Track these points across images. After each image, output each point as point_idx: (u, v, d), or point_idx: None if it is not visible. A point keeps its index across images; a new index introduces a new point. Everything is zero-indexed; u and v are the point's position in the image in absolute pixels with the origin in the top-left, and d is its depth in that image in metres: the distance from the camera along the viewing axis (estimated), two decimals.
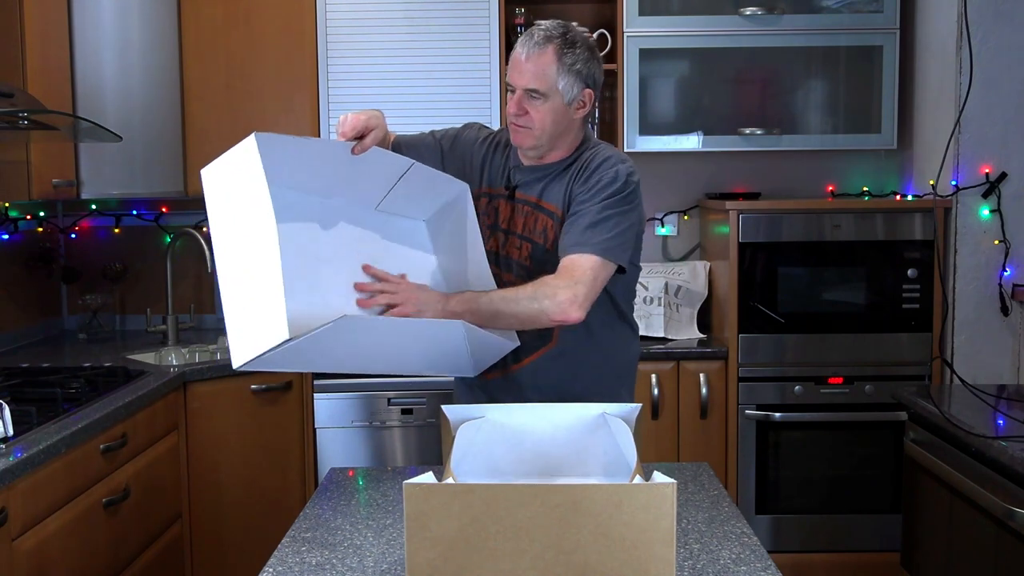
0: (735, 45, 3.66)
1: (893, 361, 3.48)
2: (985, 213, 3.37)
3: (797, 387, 3.48)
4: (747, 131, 3.69)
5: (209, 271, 3.55)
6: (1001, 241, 3.36)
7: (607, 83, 3.82)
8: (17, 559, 2.10)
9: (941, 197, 3.40)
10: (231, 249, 1.81)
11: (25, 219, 3.66)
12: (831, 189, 3.99)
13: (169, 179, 3.54)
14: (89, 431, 2.41)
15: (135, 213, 3.92)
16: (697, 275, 3.78)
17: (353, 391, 3.43)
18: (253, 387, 3.27)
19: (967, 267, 3.39)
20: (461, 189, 2.21)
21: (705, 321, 3.77)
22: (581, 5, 3.90)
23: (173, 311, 3.68)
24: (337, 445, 3.44)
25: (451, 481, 1.41)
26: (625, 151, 3.64)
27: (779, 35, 3.65)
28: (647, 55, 3.66)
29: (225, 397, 3.21)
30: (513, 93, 2.10)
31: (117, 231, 3.92)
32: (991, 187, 3.35)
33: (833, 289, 3.52)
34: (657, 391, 3.46)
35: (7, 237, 3.55)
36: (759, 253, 3.48)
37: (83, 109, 3.28)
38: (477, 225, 2.20)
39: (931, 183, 3.50)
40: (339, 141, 1.97)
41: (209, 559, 3.18)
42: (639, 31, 3.63)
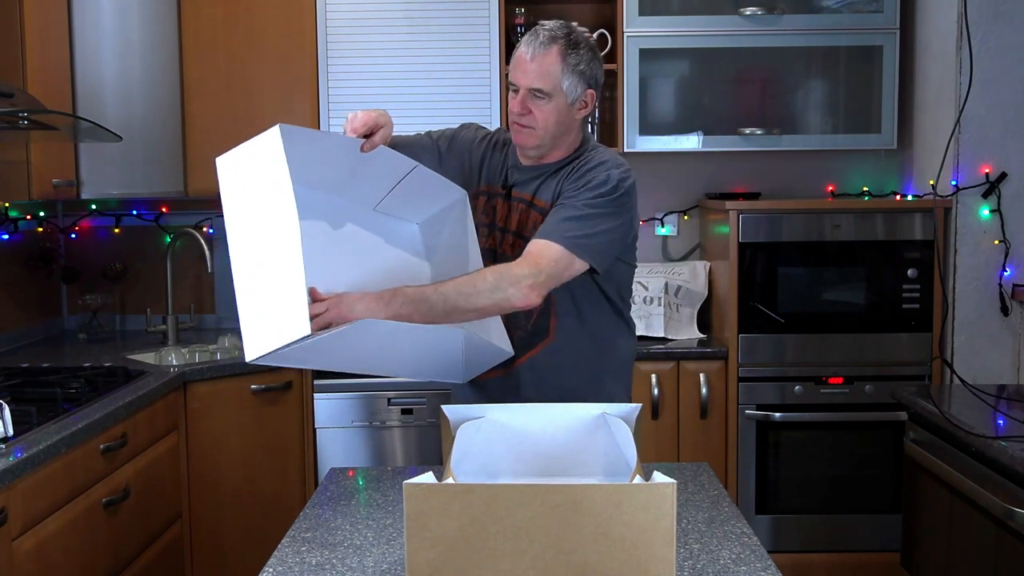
0: (735, 45, 3.66)
1: (893, 361, 3.48)
2: (985, 213, 3.37)
3: (797, 387, 3.48)
4: (747, 131, 3.69)
5: (209, 271, 3.55)
6: (1001, 241, 3.36)
7: (607, 83, 3.81)
8: (17, 559, 2.10)
9: (941, 197, 3.40)
10: (247, 241, 1.77)
11: (25, 219, 3.66)
12: (831, 189, 3.99)
13: (169, 179, 3.54)
14: (89, 431, 2.41)
15: (135, 213, 3.92)
16: (697, 275, 3.78)
17: (353, 391, 3.43)
18: (253, 387, 3.27)
19: (967, 267, 3.39)
20: (460, 195, 2.20)
21: (705, 321, 3.77)
22: (581, 5, 3.90)
23: (173, 311, 3.68)
24: (337, 445, 3.44)
25: (451, 481, 1.41)
26: (625, 151, 3.65)
27: (779, 35, 3.65)
28: (647, 55, 3.66)
29: (225, 397, 3.22)
30: (516, 92, 2.10)
31: (117, 231, 3.92)
32: (991, 187, 3.35)
33: (833, 289, 3.52)
34: (657, 391, 3.46)
35: (7, 237, 3.55)
36: (759, 253, 3.48)
37: (83, 109, 3.28)
38: (475, 232, 2.19)
39: (931, 183, 3.50)
40: (350, 137, 1.96)
41: (209, 559, 3.18)
42: (639, 31, 3.64)
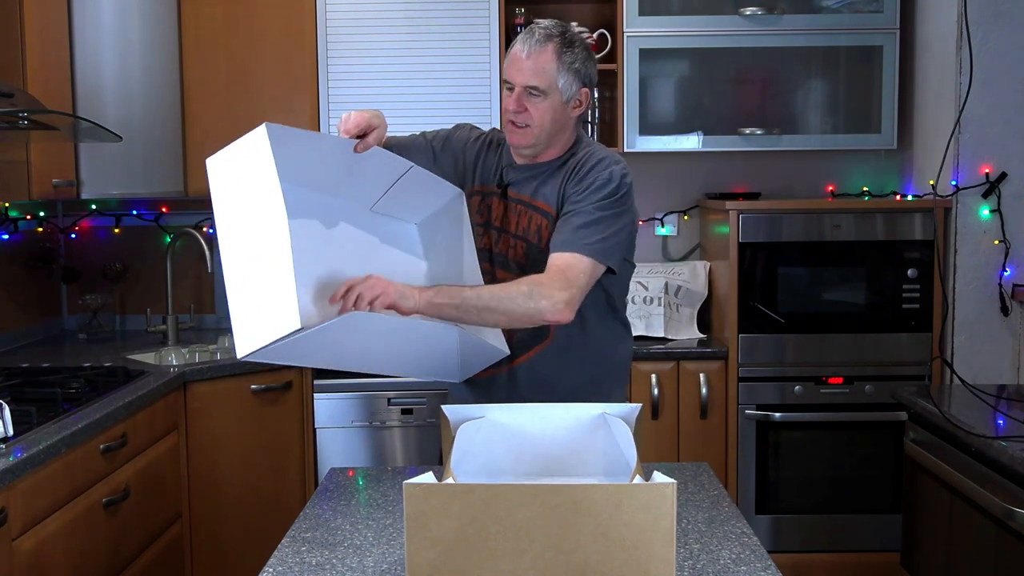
0: (735, 45, 3.66)
1: (893, 361, 3.48)
2: (985, 213, 3.37)
3: (797, 387, 3.48)
4: (747, 131, 3.69)
5: (209, 271, 3.55)
6: (1001, 241, 3.36)
7: (607, 83, 3.82)
8: (17, 559, 2.10)
9: (941, 197, 3.40)
10: (237, 239, 1.77)
11: (25, 219, 3.66)
12: (831, 189, 3.99)
13: (169, 179, 3.54)
14: (89, 431, 2.41)
15: (135, 213, 3.92)
16: (697, 275, 3.78)
17: (353, 391, 3.43)
18: (253, 387, 3.27)
19: (967, 267, 3.39)
20: (456, 194, 2.20)
21: (705, 321, 3.77)
22: (581, 5, 3.90)
23: (173, 311, 3.68)
24: (337, 445, 3.44)
25: (451, 481, 1.41)
26: (625, 151, 3.65)
27: (779, 35, 3.65)
28: (647, 55, 3.66)
29: (225, 397, 3.21)
30: (511, 90, 2.10)
31: (117, 231, 3.92)
32: (991, 187, 3.35)
33: (833, 289, 3.52)
34: (657, 391, 3.46)
35: (7, 237, 3.55)
36: (759, 253, 3.48)
37: (83, 109, 3.28)
38: (471, 232, 2.19)
39: (931, 183, 3.50)
40: (342, 138, 1.96)
41: (209, 559, 3.18)
42: (639, 31, 3.63)
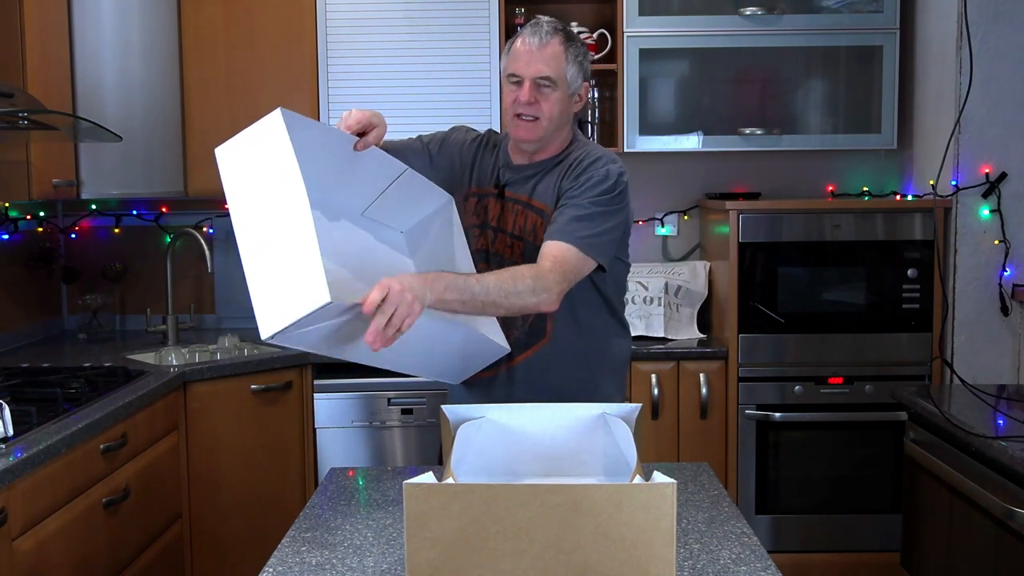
0: (735, 45, 3.66)
1: (893, 361, 3.47)
2: (985, 213, 3.37)
3: (797, 387, 3.48)
4: (747, 131, 3.69)
5: (209, 271, 3.55)
6: (1001, 241, 3.36)
7: (607, 83, 3.82)
8: (17, 559, 2.10)
9: (941, 197, 3.40)
10: (254, 224, 1.73)
11: (25, 219, 3.66)
12: (831, 189, 3.99)
13: (169, 179, 3.54)
14: (89, 431, 2.41)
15: (135, 213, 3.92)
16: (697, 275, 3.78)
17: (353, 391, 3.43)
18: (253, 387, 3.27)
19: (967, 267, 3.39)
20: (446, 200, 2.20)
21: (705, 321, 3.77)
22: (581, 5, 3.90)
23: (173, 311, 3.68)
24: (337, 445, 3.44)
25: (451, 481, 1.41)
26: (625, 151, 3.65)
27: (779, 35, 3.65)
28: (647, 55, 3.66)
29: (225, 397, 3.21)
30: (519, 84, 2.10)
31: (117, 231, 3.92)
32: (991, 187, 3.35)
33: (833, 289, 3.52)
34: (657, 391, 3.46)
35: (7, 237, 3.55)
36: (759, 253, 3.48)
37: (83, 109, 3.28)
38: (463, 237, 2.19)
39: (931, 183, 3.50)
40: (345, 133, 1.95)
41: (209, 559, 3.18)
42: (639, 31, 3.63)
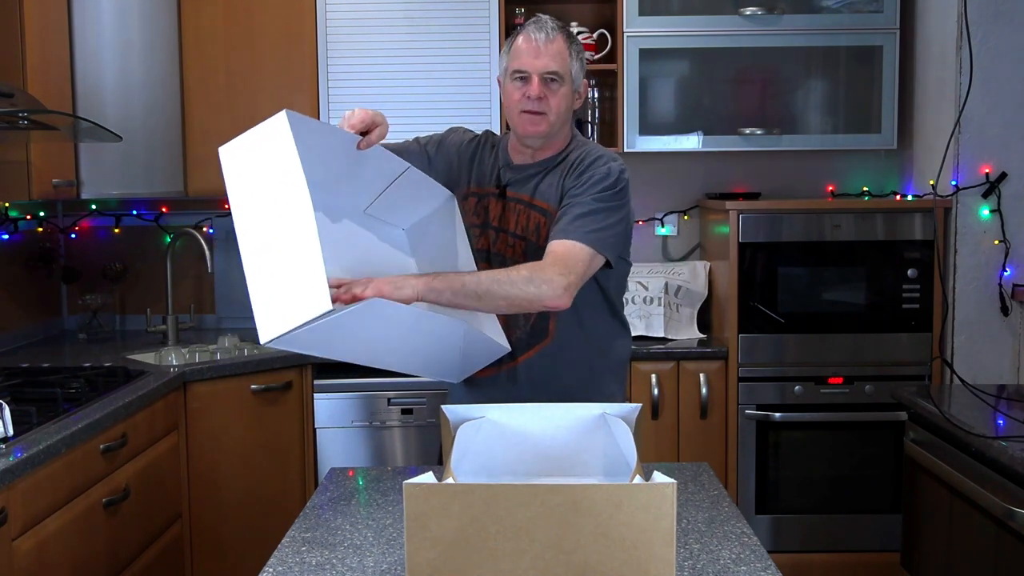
0: (735, 45, 3.66)
1: (893, 361, 3.47)
2: (985, 213, 3.37)
3: (797, 387, 3.48)
4: (747, 131, 3.69)
5: (209, 271, 3.55)
6: (1001, 241, 3.36)
7: (607, 83, 3.82)
8: (17, 559, 2.10)
9: (941, 197, 3.40)
10: (256, 226, 1.74)
11: (25, 219, 3.66)
12: (831, 189, 3.99)
13: (169, 179, 3.54)
14: (89, 431, 2.41)
15: (135, 213, 3.92)
16: (697, 275, 3.78)
17: (353, 391, 3.43)
18: (253, 387, 3.27)
19: (967, 267, 3.39)
20: (447, 197, 2.20)
21: (705, 321, 3.77)
22: (581, 5, 3.90)
23: (173, 311, 3.68)
24: (337, 445, 3.44)
25: (451, 481, 1.41)
26: (625, 151, 3.65)
27: (779, 35, 3.65)
28: (647, 55, 3.66)
29: (225, 397, 3.21)
30: (525, 80, 2.10)
31: (117, 231, 3.92)
32: (991, 187, 3.35)
33: (833, 289, 3.52)
34: (657, 391, 3.46)
35: (7, 237, 3.55)
36: (759, 253, 3.48)
37: (83, 109, 3.28)
38: (465, 234, 2.19)
39: (931, 183, 3.49)
40: (348, 132, 1.95)
41: (209, 559, 3.18)
42: (639, 31, 3.63)
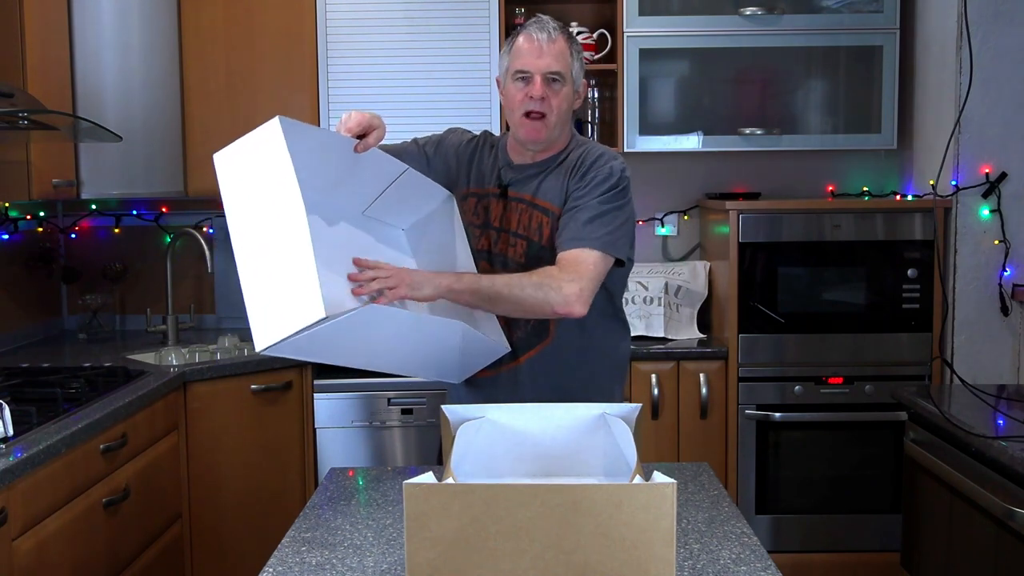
0: (735, 45, 3.66)
1: (893, 361, 3.47)
2: (985, 213, 3.37)
3: (797, 387, 3.48)
4: (747, 131, 3.69)
5: (209, 271, 3.55)
6: (1001, 241, 3.36)
7: (607, 83, 3.82)
8: (17, 559, 2.10)
9: (941, 197, 3.40)
10: (251, 233, 1.75)
11: (25, 219, 3.66)
12: (831, 189, 3.99)
13: (169, 179, 3.54)
14: (89, 431, 2.41)
15: (135, 213, 3.92)
16: (697, 275, 3.78)
17: (353, 391, 3.43)
18: (253, 387, 3.27)
19: (967, 267, 3.39)
20: (446, 197, 2.20)
21: (705, 321, 3.77)
22: (581, 5, 3.90)
23: (173, 311, 3.68)
24: (337, 445, 3.44)
25: (451, 481, 1.41)
26: (625, 151, 3.65)
27: (779, 35, 3.65)
28: (647, 55, 3.66)
29: (225, 397, 3.21)
30: (526, 82, 2.10)
31: (117, 231, 3.92)
32: (991, 187, 3.35)
33: (833, 289, 3.52)
34: (657, 391, 3.46)
35: (7, 237, 3.55)
36: (759, 253, 3.48)
37: (83, 109, 3.28)
38: (464, 232, 2.19)
39: (931, 183, 3.50)
40: (345, 136, 1.96)
41: (209, 559, 3.18)
42: (639, 31, 3.63)
